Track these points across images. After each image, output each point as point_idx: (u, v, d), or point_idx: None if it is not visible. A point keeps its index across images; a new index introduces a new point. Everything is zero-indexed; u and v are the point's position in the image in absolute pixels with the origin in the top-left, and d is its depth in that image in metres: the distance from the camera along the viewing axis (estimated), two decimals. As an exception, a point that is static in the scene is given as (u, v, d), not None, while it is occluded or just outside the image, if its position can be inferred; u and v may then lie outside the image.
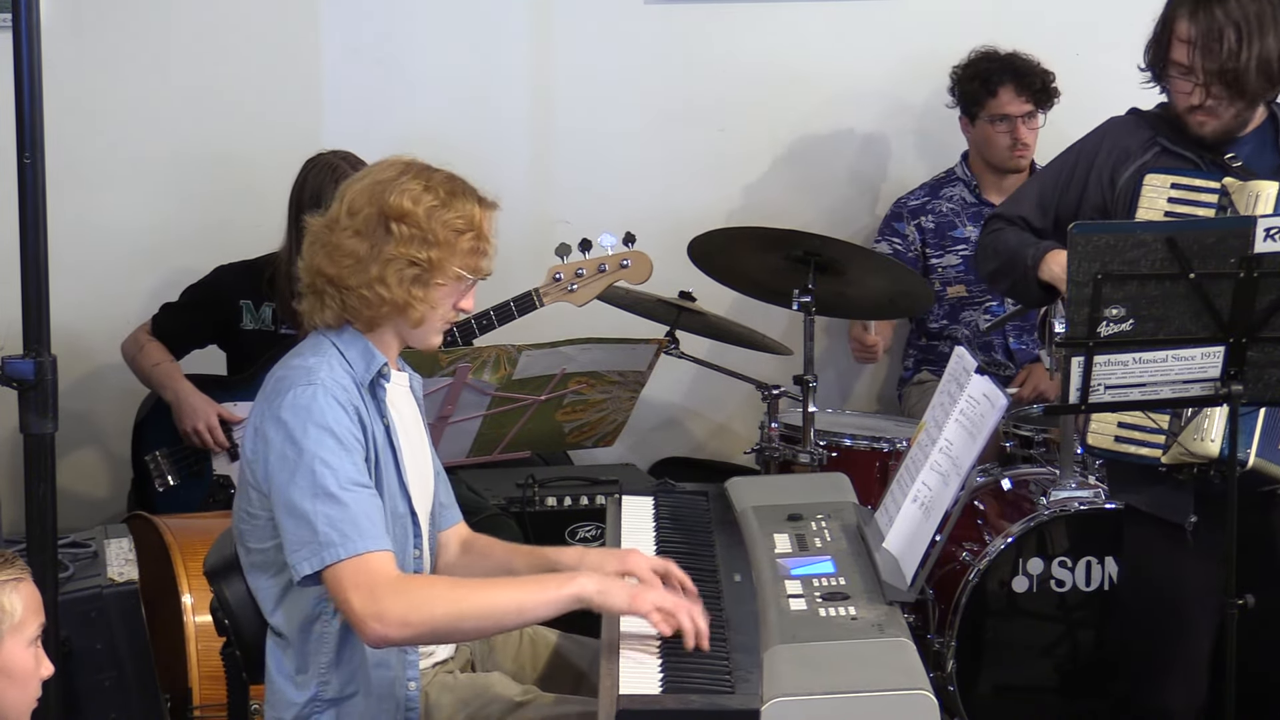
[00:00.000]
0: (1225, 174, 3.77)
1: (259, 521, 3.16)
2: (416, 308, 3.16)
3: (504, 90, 5.37)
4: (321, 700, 3.16)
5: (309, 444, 3.05)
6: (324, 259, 3.16)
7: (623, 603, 3.03)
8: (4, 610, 2.84)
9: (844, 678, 2.75)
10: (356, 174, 3.26)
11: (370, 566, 3.01)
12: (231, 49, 5.19)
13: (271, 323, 4.78)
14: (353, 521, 3.02)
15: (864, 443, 4.70)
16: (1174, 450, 3.69)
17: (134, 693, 4.00)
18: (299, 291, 3.24)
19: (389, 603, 2.98)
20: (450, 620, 3.02)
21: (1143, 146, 3.90)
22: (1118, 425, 3.74)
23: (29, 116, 3.36)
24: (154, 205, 5.18)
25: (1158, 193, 3.76)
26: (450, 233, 3.15)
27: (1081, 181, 3.94)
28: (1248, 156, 3.83)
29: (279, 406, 3.10)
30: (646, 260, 4.63)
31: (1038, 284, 3.89)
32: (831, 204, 5.60)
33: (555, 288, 4.58)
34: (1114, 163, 3.91)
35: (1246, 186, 3.69)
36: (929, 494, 3.15)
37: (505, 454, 4.60)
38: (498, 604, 3.03)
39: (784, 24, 5.51)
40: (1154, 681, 3.92)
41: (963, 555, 4.46)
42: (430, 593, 3.04)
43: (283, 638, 3.18)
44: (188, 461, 4.76)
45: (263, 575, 3.19)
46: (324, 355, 3.16)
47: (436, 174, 3.20)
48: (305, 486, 3.04)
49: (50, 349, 3.39)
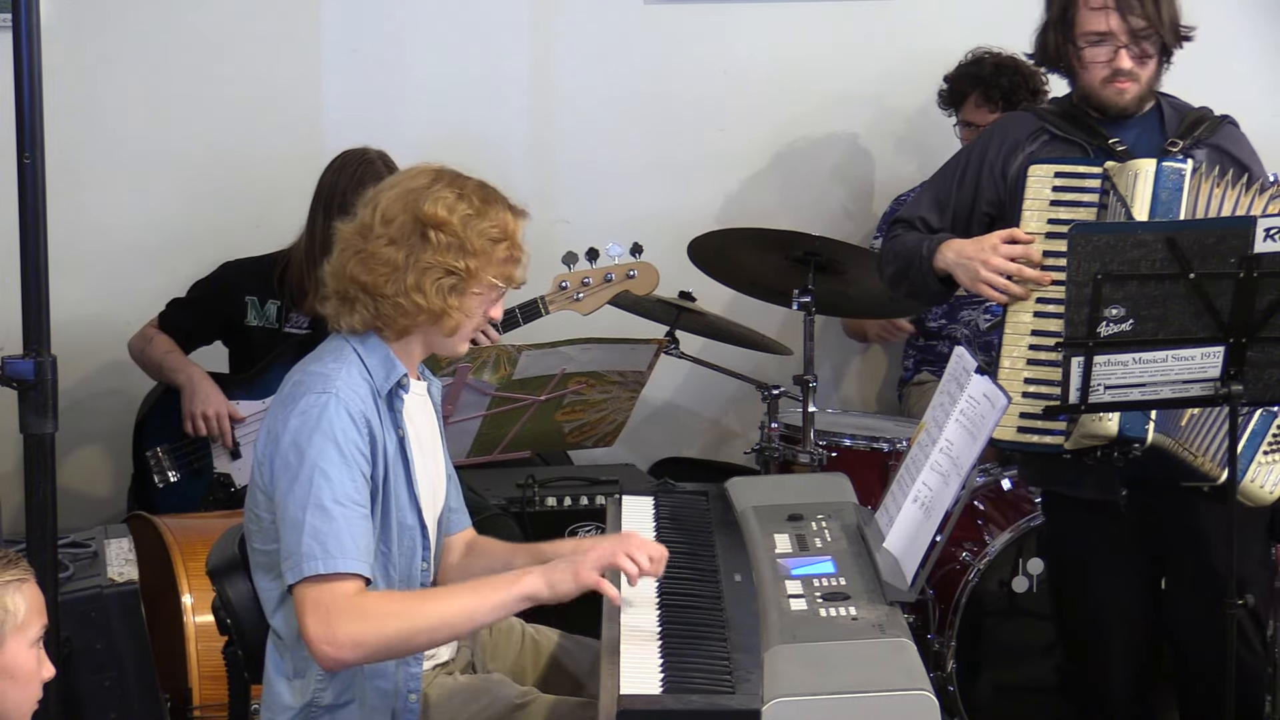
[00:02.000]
0: (1109, 159, 3.79)
1: (264, 524, 3.16)
2: (452, 316, 3.17)
3: (504, 90, 5.37)
4: (317, 706, 3.16)
5: (311, 453, 3.06)
6: (358, 267, 3.16)
7: (571, 585, 3.07)
8: (7, 610, 2.84)
9: (845, 678, 2.75)
10: (386, 181, 3.27)
11: (334, 590, 3.02)
12: (232, 49, 5.19)
13: (275, 320, 4.79)
14: (336, 537, 3.03)
15: (864, 443, 4.70)
16: (1075, 435, 3.69)
17: (134, 693, 4.00)
18: (325, 295, 3.24)
19: (342, 626, 3.00)
20: (403, 636, 3.05)
21: (1030, 135, 3.92)
22: (1019, 416, 3.74)
23: (29, 116, 3.36)
24: (154, 205, 5.18)
25: (1042, 183, 3.79)
26: (486, 242, 3.17)
27: (975, 177, 3.96)
28: (1133, 142, 3.85)
29: (291, 412, 3.11)
30: (653, 271, 4.62)
31: (934, 276, 3.90)
32: (831, 204, 5.60)
33: (561, 296, 4.58)
34: (1004, 155, 3.93)
35: (1126, 166, 3.71)
36: (929, 494, 3.15)
37: (505, 454, 4.60)
38: (447, 614, 3.06)
39: (784, 24, 5.51)
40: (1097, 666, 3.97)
41: (963, 555, 4.46)
42: (383, 609, 3.05)
43: (282, 640, 3.18)
44: (189, 458, 4.76)
45: (266, 576, 3.19)
46: (344, 362, 3.17)
47: (469, 182, 3.21)
48: (301, 495, 3.05)
49: (50, 349, 3.39)
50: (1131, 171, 3.68)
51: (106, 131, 5.12)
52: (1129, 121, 3.87)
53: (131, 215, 5.17)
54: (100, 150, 5.11)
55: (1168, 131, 3.86)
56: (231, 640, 3.32)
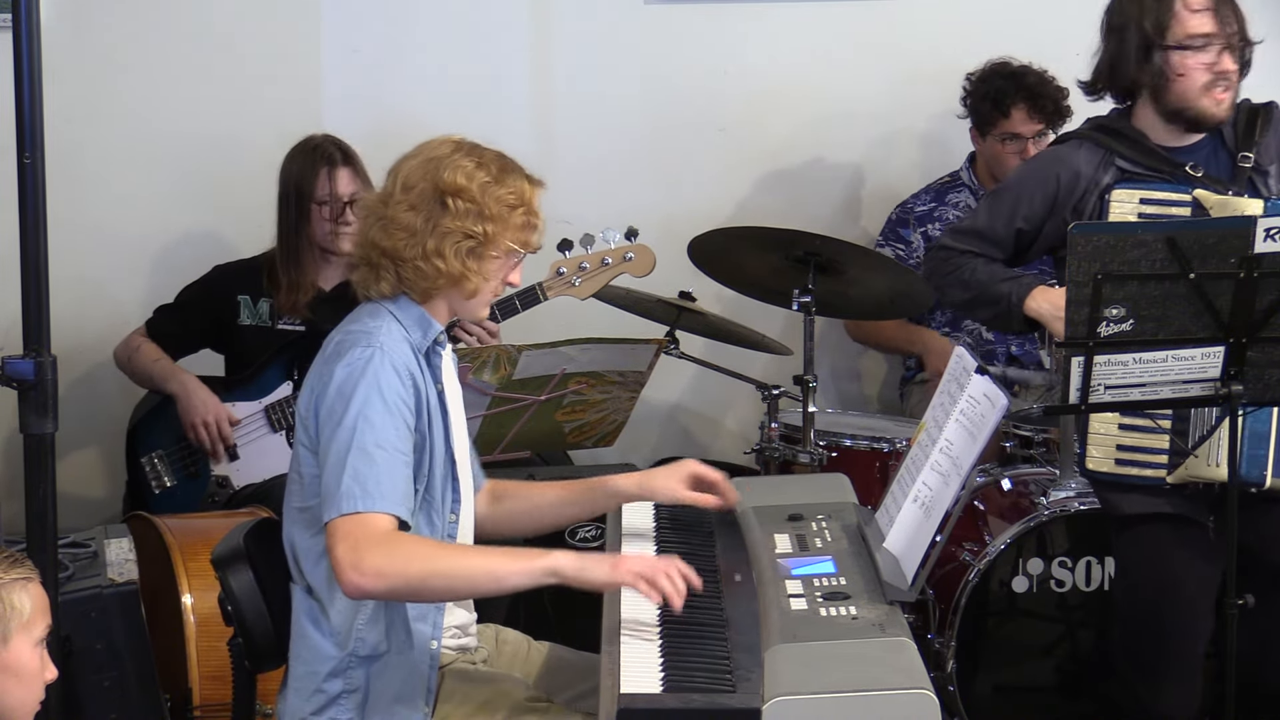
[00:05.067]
0: (1191, 184, 3.77)
1: (306, 480, 3.23)
2: (471, 279, 3.26)
3: (504, 90, 5.37)
4: (357, 656, 3.21)
5: (357, 401, 3.14)
6: (379, 233, 3.26)
7: (603, 576, 3.09)
8: (13, 608, 2.85)
9: (845, 677, 2.75)
10: (409, 151, 3.35)
11: (367, 522, 3.08)
12: (232, 49, 5.19)
13: (269, 318, 4.79)
14: (376, 480, 3.10)
15: (864, 443, 4.70)
16: (1180, 472, 3.68)
17: (134, 693, 4.00)
18: (353, 263, 3.33)
19: (369, 554, 3.05)
20: (423, 576, 3.08)
21: (1099, 168, 3.89)
22: (1117, 449, 3.73)
23: (29, 116, 3.37)
24: (155, 205, 5.18)
25: (1126, 209, 3.76)
26: (503, 208, 3.26)
27: (1040, 217, 3.94)
28: (1204, 163, 3.84)
29: (336, 366, 3.18)
30: (649, 253, 4.63)
31: (1022, 318, 3.91)
32: (831, 204, 5.60)
33: (558, 281, 4.59)
34: (1076, 192, 3.90)
35: (1229, 203, 3.68)
36: (929, 494, 3.15)
37: (505, 454, 4.60)
38: (473, 567, 3.12)
39: (783, 24, 5.51)
40: (1154, 685, 3.92)
41: (963, 555, 4.46)
42: (410, 549, 3.11)
43: (321, 595, 3.22)
44: (184, 463, 4.76)
45: (306, 533, 3.24)
46: (382, 320, 3.25)
47: (487, 152, 3.31)
48: (344, 440, 3.12)
49: (50, 349, 3.39)
50: (1234, 210, 3.65)
51: (107, 131, 5.12)
52: (1194, 145, 3.86)
53: (132, 215, 5.17)
54: (100, 150, 5.12)
55: (1227, 143, 3.85)
56: (236, 633, 3.33)
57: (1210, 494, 3.75)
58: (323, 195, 4.69)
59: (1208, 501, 3.78)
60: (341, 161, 4.72)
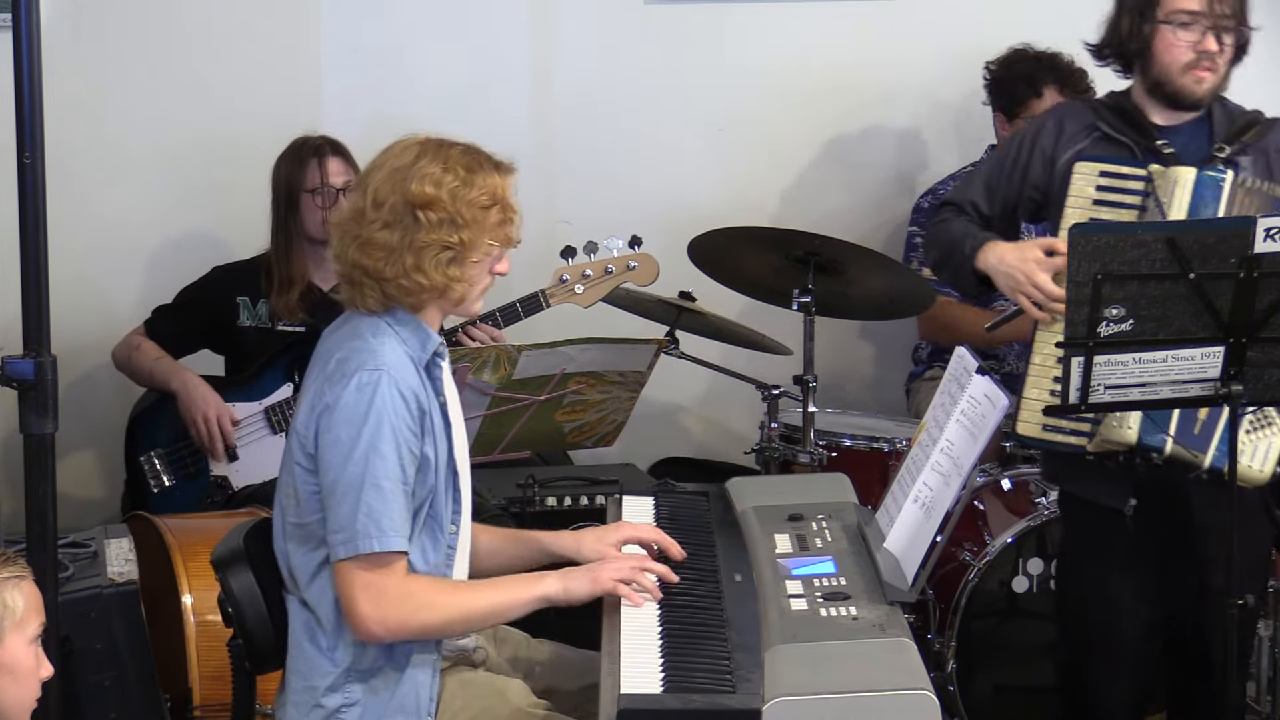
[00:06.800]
0: (1154, 161, 3.79)
1: (303, 496, 3.21)
2: (456, 288, 3.24)
3: (504, 90, 5.37)
4: (356, 670, 3.21)
5: (367, 431, 3.12)
6: (357, 252, 3.22)
7: (586, 590, 3.20)
8: (6, 606, 2.85)
9: (845, 677, 2.75)
10: (374, 160, 3.30)
11: (384, 568, 3.12)
12: (232, 49, 5.19)
13: (268, 319, 4.79)
14: (389, 516, 3.11)
15: (864, 443, 4.70)
16: (1096, 439, 3.71)
17: (134, 693, 4.00)
18: (338, 281, 3.30)
19: (393, 610, 3.12)
20: (439, 625, 3.21)
21: (1083, 131, 3.93)
22: (1043, 413, 3.75)
23: (29, 116, 3.36)
24: (155, 205, 5.18)
25: (1086, 180, 3.80)
26: (477, 210, 3.22)
27: (1025, 163, 3.98)
28: (1182, 146, 3.86)
29: (342, 388, 3.15)
30: (653, 262, 4.64)
31: (974, 274, 3.92)
32: (831, 204, 5.59)
33: (562, 289, 4.59)
34: (1055, 143, 3.94)
35: (1168, 173, 3.73)
36: (930, 494, 3.15)
37: (505, 454, 4.60)
38: (476, 608, 3.22)
39: (783, 24, 5.51)
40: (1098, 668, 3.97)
41: (963, 555, 4.46)
42: (424, 600, 3.17)
43: (317, 609, 3.22)
44: (184, 462, 4.75)
45: (302, 548, 3.23)
46: (383, 335, 3.23)
47: (453, 150, 3.25)
48: (356, 473, 3.12)
49: (50, 349, 3.39)
50: (1172, 178, 3.70)
51: (106, 131, 5.12)
52: (1180, 125, 3.88)
53: (132, 215, 5.16)
54: (100, 150, 5.11)
55: (1216, 136, 3.86)
56: (236, 634, 3.32)
57: (1134, 474, 3.77)
58: (313, 184, 4.71)
59: (1132, 481, 3.79)
60: (331, 152, 4.74)
